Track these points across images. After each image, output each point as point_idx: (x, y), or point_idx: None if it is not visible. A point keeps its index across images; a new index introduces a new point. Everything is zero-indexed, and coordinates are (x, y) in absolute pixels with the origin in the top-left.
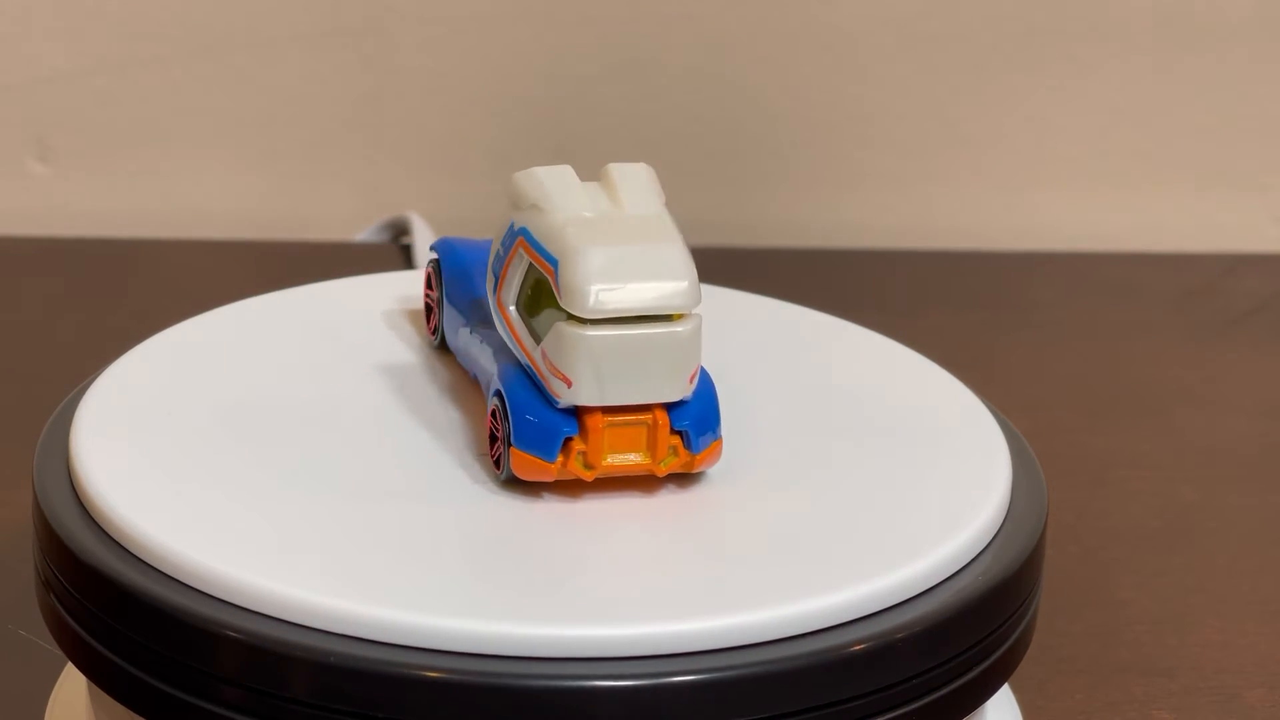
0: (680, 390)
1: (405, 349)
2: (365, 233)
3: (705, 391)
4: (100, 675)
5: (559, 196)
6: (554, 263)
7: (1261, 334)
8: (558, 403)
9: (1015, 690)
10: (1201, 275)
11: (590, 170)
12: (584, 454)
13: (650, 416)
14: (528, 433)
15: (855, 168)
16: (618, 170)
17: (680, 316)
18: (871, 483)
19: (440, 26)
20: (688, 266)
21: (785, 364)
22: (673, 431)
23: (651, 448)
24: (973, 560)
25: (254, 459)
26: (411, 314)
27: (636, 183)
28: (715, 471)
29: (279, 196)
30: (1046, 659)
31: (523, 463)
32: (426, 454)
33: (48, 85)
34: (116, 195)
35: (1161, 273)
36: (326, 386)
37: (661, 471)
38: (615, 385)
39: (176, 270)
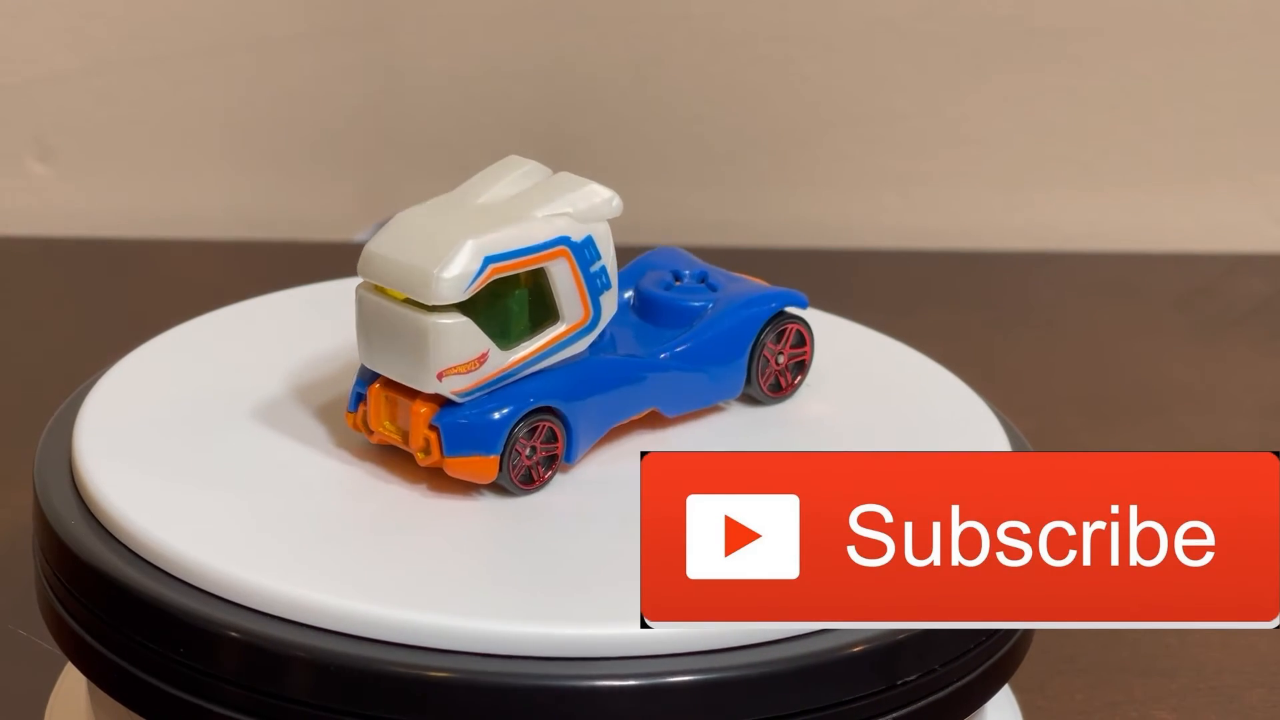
0: (425, 383)
1: None
2: (365, 233)
3: (489, 407)
4: (100, 675)
5: (478, 180)
6: None
7: (1261, 334)
8: None
9: (1015, 690)
10: (1201, 275)
11: (588, 171)
12: (365, 415)
13: (413, 402)
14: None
15: (855, 168)
16: (560, 178)
17: (442, 309)
18: None
19: (440, 26)
20: (460, 264)
21: None
22: (430, 426)
23: (407, 433)
24: None
25: (255, 460)
26: None
27: (557, 191)
28: None
29: (279, 196)
30: (1046, 659)
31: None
32: None
33: (48, 85)
34: (116, 195)
35: (1161, 273)
36: (328, 387)
37: (420, 461)
38: (377, 353)
39: (176, 270)
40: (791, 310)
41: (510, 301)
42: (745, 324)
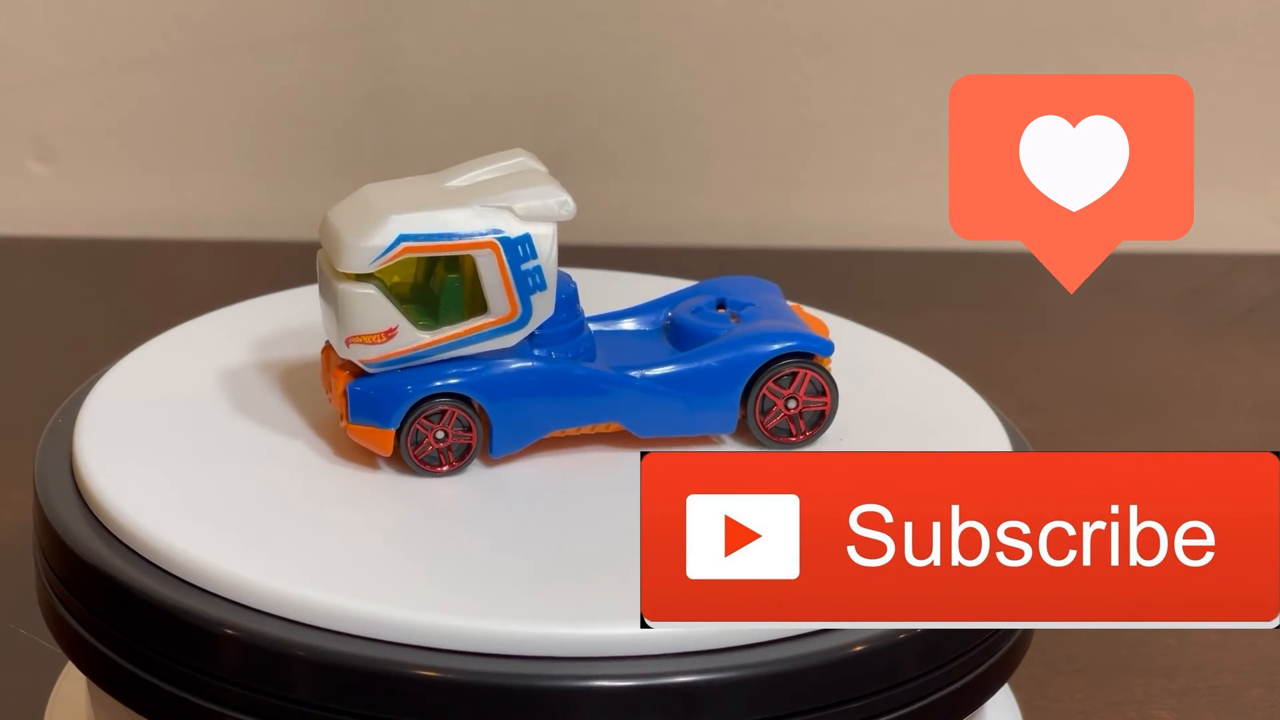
0: (338, 345)
1: None
2: None
3: (392, 382)
4: (100, 675)
5: (463, 165)
6: None
7: (1261, 334)
8: None
9: (1015, 690)
10: (1201, 275)
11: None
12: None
13: (335, 367)
14: None
15: (855, 168)
16: (526, 174)
17: (354, 277)
18: None
19: (440, 26)
20: (374, 237)
21: None
22: (344, 391)
23: (335, 395)
24: None
25: (255, 459)
26: None
27: (513, 185)
28: None
29: (279, 196)
30: (1046, 659)
31: None
32: None
33: (48, 85)
34: (116, 195)
35: (1161, 273)
36: None
37: (341, 425)
38: (323, 317)
39: (176, 270)
40: (817, 357)
41: (442, 285)
42: (739, 360)
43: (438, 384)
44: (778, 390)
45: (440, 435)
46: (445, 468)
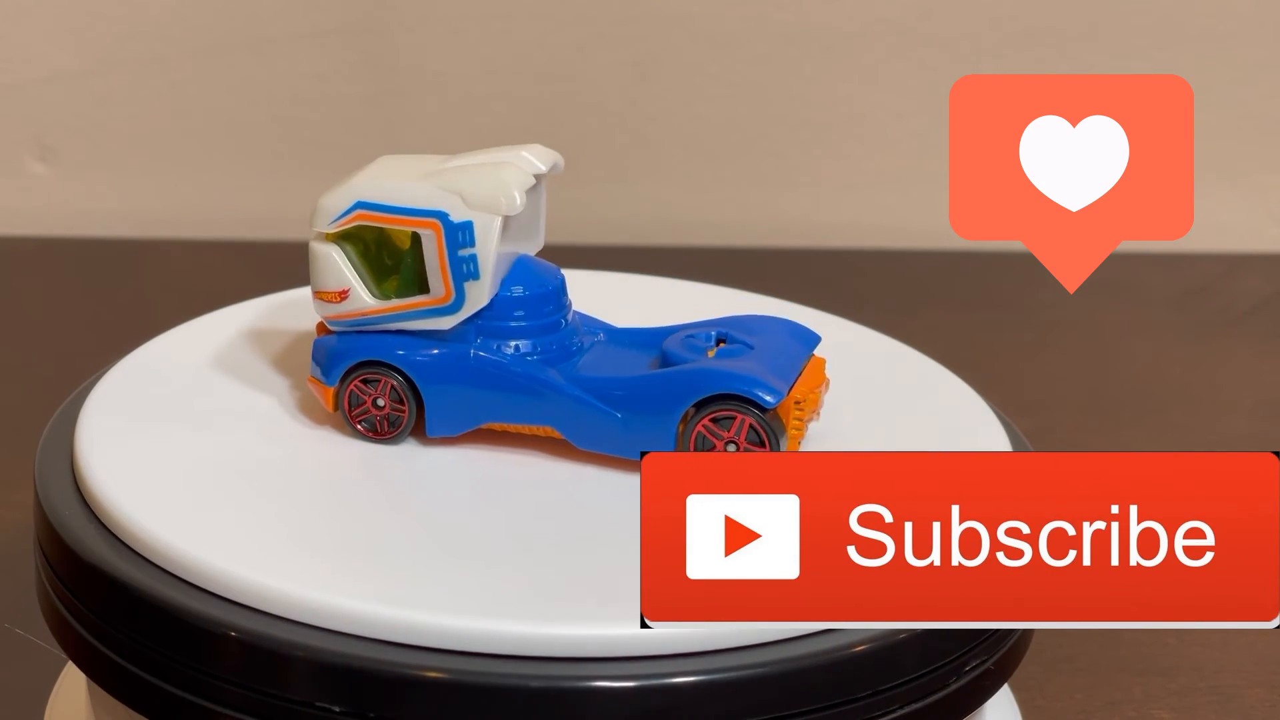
0: (311, 298)
1: None
2: None
3: (338, 343)
4: (100, 675)
5: (476, 151)
6: None
7: (1261, 334)
8: None
9: (1015, 690)
10: (1201, 275)
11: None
12: None
13: (318, 323)
14: None
15: (855, 168)
16: (500, 166)
17: (319, 236)
18: None
19: (440, 26)
20: (336, 200)
21: None
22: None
23: None
24: None
25: (255, 459)
26: None
27: (480, 173)
28: None
29: (279, 196)
30: (1046, 659)
31: None
32: (428, 454)
33: (48, 85)
34: (116, 195)
35: (1161, 273)
36: None
37: None
38: None
39: (176, 270)
40: (758, 404)
41: (399, 258)
42: (671, 390)
43: (372, 352)
44: (716, 430)
45: (380, 403)
46: (381, 436)
